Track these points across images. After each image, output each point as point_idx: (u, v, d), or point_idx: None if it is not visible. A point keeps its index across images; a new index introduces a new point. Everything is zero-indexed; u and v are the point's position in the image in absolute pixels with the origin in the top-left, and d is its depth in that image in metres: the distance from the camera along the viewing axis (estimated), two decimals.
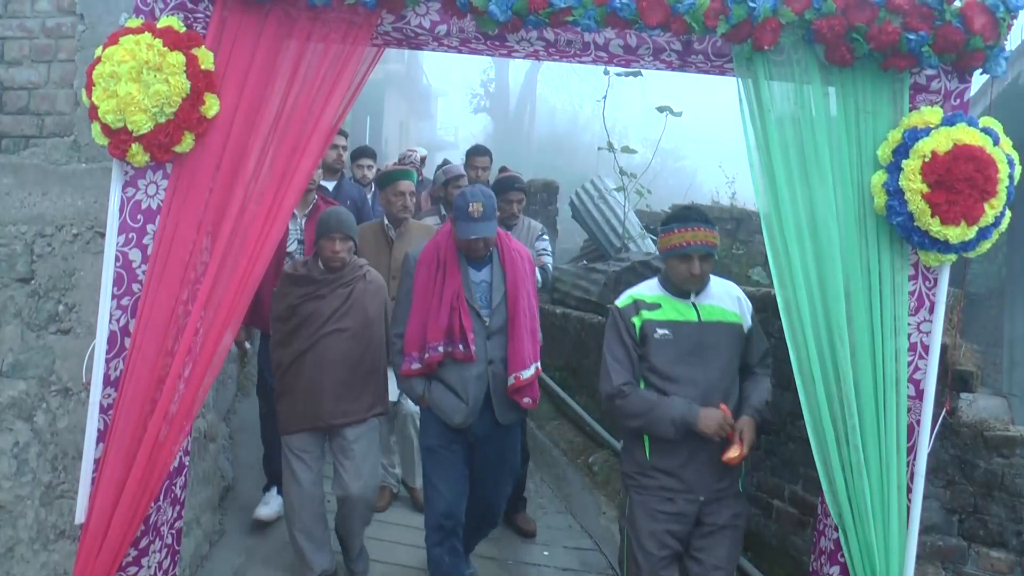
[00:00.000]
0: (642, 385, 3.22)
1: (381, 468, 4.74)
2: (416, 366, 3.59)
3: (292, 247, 4.58)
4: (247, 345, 5.11)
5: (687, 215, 3.26)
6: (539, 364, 3.71)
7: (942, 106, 2.91)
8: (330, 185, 5.46)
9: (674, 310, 3.23)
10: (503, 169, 5.54)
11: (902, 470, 2.88)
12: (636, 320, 3.22)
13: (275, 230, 2.85)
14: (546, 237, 5.24)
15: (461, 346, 3.52)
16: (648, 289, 3.33)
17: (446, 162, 6.64)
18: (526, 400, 3.63)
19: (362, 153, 6.64)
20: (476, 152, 6.27)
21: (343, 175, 5.76)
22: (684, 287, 3.26)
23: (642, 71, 5.98)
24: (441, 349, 3.52)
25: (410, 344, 3.59)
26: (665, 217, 3.42)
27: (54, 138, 3.42)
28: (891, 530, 2.86)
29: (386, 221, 4.86)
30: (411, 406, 4.71)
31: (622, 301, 3.31)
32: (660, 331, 3.18)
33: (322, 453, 4.02)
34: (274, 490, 4.69)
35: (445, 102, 35.54)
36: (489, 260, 3.67)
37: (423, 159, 8.03)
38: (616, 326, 3.26)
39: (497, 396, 3.60)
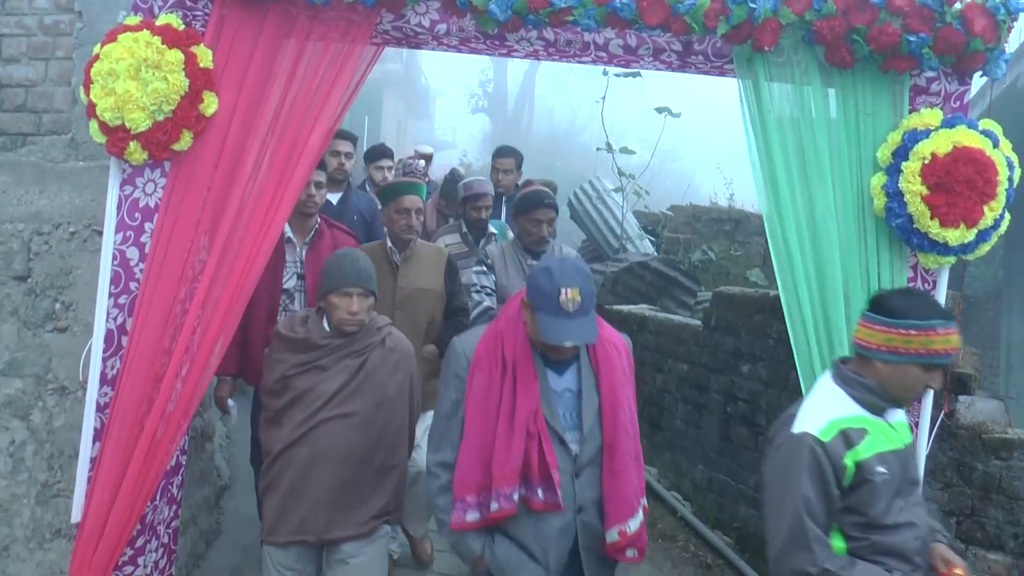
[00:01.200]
0: (838, 542, 2.28)
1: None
2: (473, 517, 2.52)
3: (290, 282, 3.74)
4: (231, 404, 3.87)
5: (943, 311, 2.30)
6: (645, 501, 2.69)
7: (942, 108, 2.91)
8: (335, 198, 4.84)
9: (881, 436, 2.30)
10: (528, 183, 4.80)
11: None
12: (849, 461, 2.22)
13: (273, 229, 2.84)
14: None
15: (541, 491, 2.49)
16: (845, 409, 2.31)
17: (455, 173, 6.11)
18: (630, 553, 2.60)
19: (380, 153, 5.83)
20: (500, 153, 5.73)
21: (349, 186, 5.05)
22: (902, 404, 2.39)
23: (641, 72, 5.97)
24: (516, 497, 2.48)
25: (464, 484, 2.52)
26: (905, 302, 2.29)
27: (52, 136, 3.41)
28: None
29: (389, 243, 4.06)
30: (422, 462, 3.47)
31: (824, 431, 2.24)
32: (880, 470, 2.24)
33: (316, 573, 3.02)
34: None
35: (443, 102, 35.52)
36: (575, 358, 2.61)
37: (429, 156, 7.56)
38: (817, 469, 2.21)
39: (588, 553, 2.57)
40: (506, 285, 3.97)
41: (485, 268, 4.07)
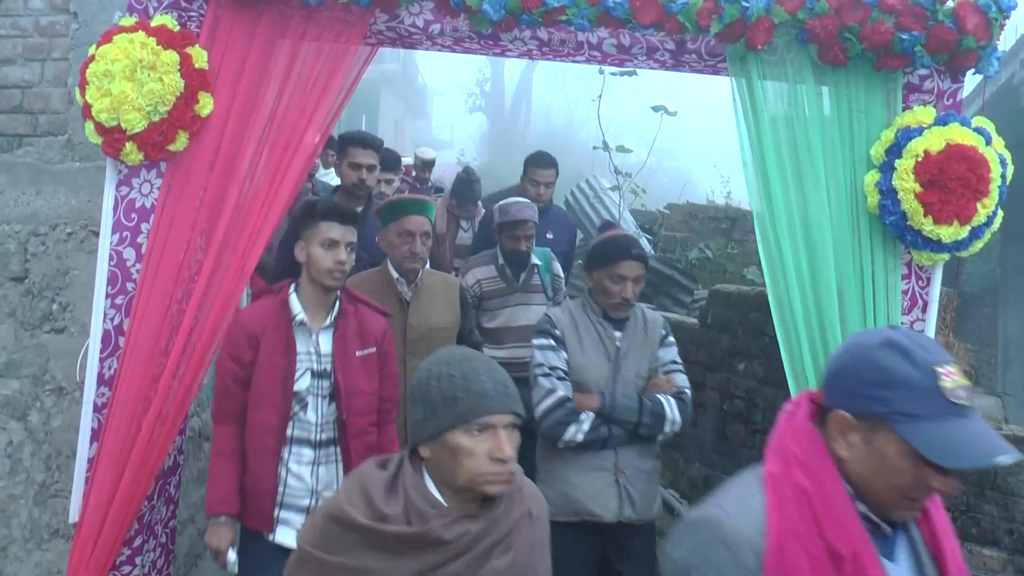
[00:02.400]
0: None
1: None
2: None
3: (302, 382, 2.77)
4: (231, 558, 2.78)
5: None
6: None
7: (935, 106, 2.92)
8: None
9: None
10: (607, 225, 3.53)
11: None
12: None
13: (268, 229, 2.85)
14: (673, 341, 3.19)
15: None
16: None
17: (469, 171, 5.59)
18: None
19: (383, 163, 4.77)
20: (538, 163, 4.80)
21: (370, 200, 4.32)
22: None
23: (637, 70, 5.97)
24: None
25: None
26: None
27: (48, 137, 3.42)
28: None
29: (394, 272, 3.39)
30: None
31: None
32: None
33: None
34: None
35: (441, 101, 35.55)
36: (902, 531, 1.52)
37: (431, 163, 7.35)
38: None
39: None
40: (584, 365, 3.00)
41: (552, 341, 3.02)
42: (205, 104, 2.77)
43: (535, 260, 4.21)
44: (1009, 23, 2.90)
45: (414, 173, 7.78)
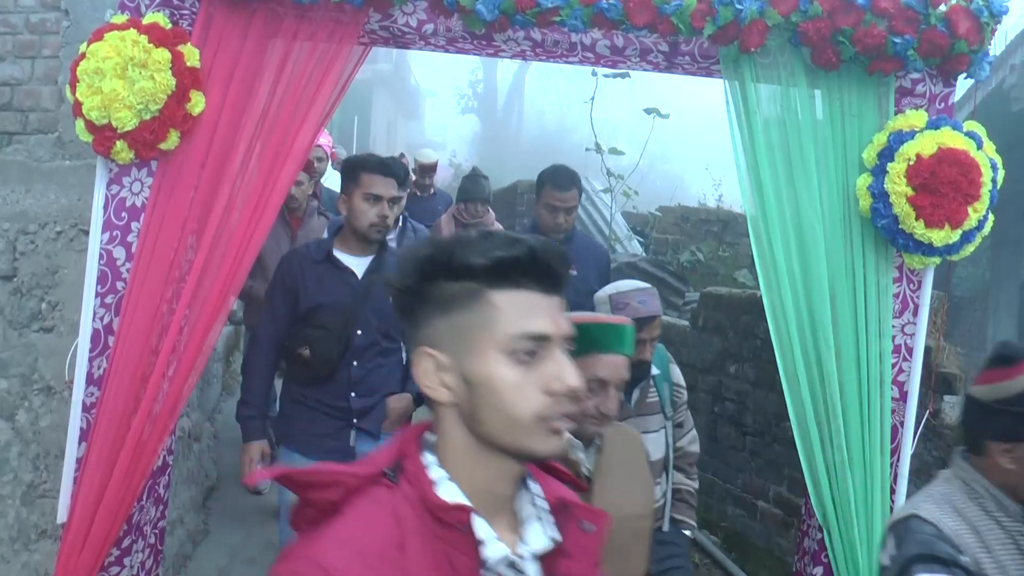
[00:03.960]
0: None
1: None
2: None
3: None
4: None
5: None
6: None
7: (927, 110, 2.93)
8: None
9: None
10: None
11: (886, 471, 2.90)
12: None
13: (260, 229, 2.83)
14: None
15: None
16: None
17: (476, 171, 5.19)
18: None
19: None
20: (557, 182, 3.74)
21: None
22: None
23: (630, 73, 5.96)
24: None
25: None
26: None
27: (38, 135, 3.40)
28: (875, 530, 2.87)
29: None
30: None
31: None
32: None
33: None
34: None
35: (433, 102, 35.48)
36: None
37: (432, 167, 6.78)
38: None
39: None
40: None
41: None
42: (197, 103, 2.76)
43: (654, 369, 3.15)
44: (1000, 28, 2.91)
45: (413, 178, 6.94)
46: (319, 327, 3.20)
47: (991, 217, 2.92)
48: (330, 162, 7.53)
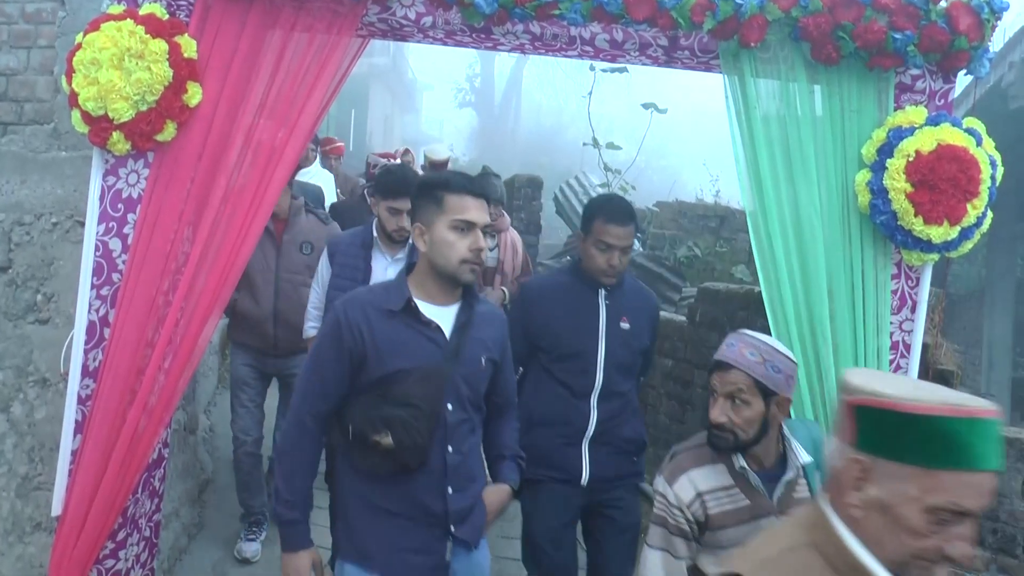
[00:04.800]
0: None
1: None
2: None
3: None
4: None
5: None
6: None
7: (926, 106, 2.92)
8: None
9: None
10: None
11: None
12: None
13: (257, 221, 2.82)
14: None
15: None
16: None
17: (487, 170, 5.06)
18: None
19: (395, 189, 3.71)
20: (614, 216, 3.15)
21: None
22: None
23: (627, 67, 5.95)
24: None
25: None
26: None
27: (34, 125, 3.38)
28: None
29: None
30: None
31: None
32: None
33: None
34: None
35: (430, 96, 35.47)
36: None
37: (444, 163, 6.27)
38: None
39: None
40: None
41: None
42: (194, 94, 2.75)
43: (800, 458, 2.47)
44: (1000, 24, 2.90)
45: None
46: (403, 403, 2.37)
47: (990, 214, 2.92)
48: (319, 157, 7.37)
